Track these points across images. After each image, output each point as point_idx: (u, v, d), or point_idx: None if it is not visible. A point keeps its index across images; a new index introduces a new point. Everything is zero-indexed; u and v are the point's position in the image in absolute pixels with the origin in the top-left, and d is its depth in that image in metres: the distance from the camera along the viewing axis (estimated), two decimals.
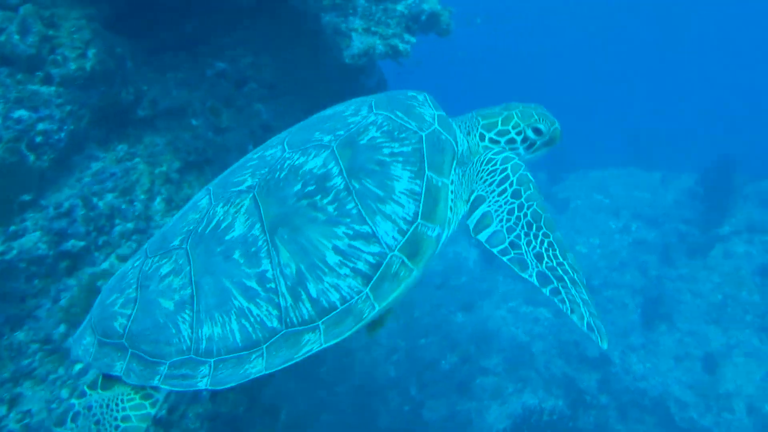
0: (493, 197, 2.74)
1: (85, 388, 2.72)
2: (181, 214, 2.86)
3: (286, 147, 2.80)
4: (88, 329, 2.75)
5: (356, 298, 2.52)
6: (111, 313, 2.68)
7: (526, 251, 2.55)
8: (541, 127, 2.96)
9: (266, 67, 6.47)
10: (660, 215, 13.55)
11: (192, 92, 5.88)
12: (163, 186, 5.30)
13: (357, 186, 2.60)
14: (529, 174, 2.75)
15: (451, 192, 2.75)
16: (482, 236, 2.66)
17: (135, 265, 2.78)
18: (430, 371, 9.85)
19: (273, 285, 2.51)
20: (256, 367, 2.48)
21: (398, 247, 2.56)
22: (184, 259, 2.63)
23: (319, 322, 2.50)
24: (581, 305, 2.36)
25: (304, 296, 2.50)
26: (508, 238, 2.60)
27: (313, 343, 2.50)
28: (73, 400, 2.70)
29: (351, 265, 2.53)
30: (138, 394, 2.66)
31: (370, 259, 2.54)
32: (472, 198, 2.80)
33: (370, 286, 2.52)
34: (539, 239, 2.57)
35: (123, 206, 4.93)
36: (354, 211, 2.56)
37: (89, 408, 2.67)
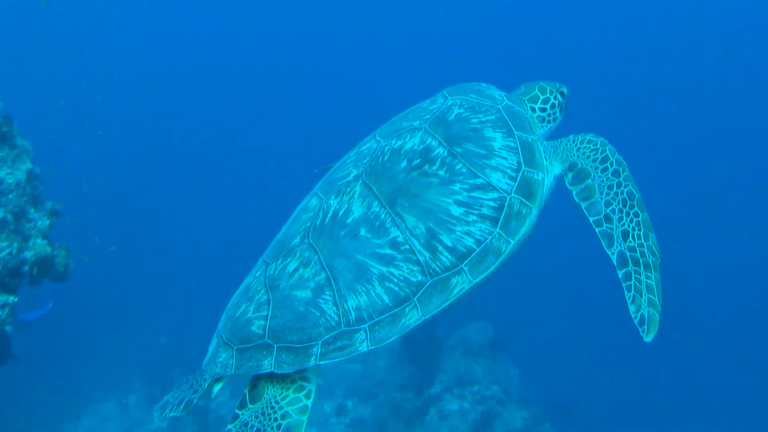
0: (597, 173, 3.04)
1: (236, 411, 2.68)
2: (291, 220, 3.06)
3: (379, 139, 3.09)
4: (220, 347, 2.79)
5: (489, 238, 2.77)
6: (245, 321, 2.75)
7: (616, 226, 2.90)
8: (564, 90, 3.47)
9: None
10: (374, 386, 12.89)
11: None
12: None
13: (459, 150, 2.90)
14: (622, 158, 3.07)
15: (541, 145, 3.11)
16: (583, 204, 3.00)
17: (257, 275, 2.90)
18: None
19: (407, 246, 2.71)
20: (413, 317, 2.66)
21: (513, 190, 2.86)
22: (309, 251, 2.78)
23: (462, 265, 2.73)
24: (643, 296, 2.70)
25: (440, 248, 2.73)
26: (605, 210, 2.94)
27: (462, 283, 2.73)
28: (229, 426, 2.62)
29: (476, 212, 2.79)
30: (290, 389, 2.67)
31: (492, 203, 2.81)
32: (577, 169, 3.09)
33: (499, 225, 2.79)
34: (630, 217, 2.90)
35: None
36: (464, 170, 2.85)
37: (246, 424, 2.62)
